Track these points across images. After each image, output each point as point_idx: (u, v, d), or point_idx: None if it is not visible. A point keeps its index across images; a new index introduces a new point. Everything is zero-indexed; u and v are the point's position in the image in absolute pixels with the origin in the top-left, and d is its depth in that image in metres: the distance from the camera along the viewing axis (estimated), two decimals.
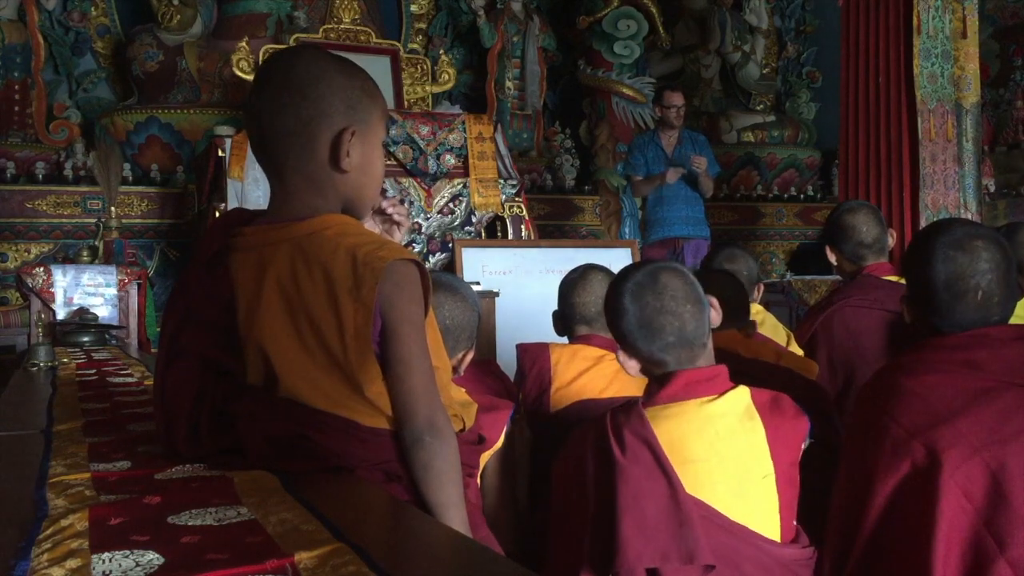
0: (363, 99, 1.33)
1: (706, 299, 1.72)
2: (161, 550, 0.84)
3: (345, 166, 1.30)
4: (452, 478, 1.26)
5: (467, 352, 1.91)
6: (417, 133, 5.43)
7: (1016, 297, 1.68)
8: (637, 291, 1.68)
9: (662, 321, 1.66)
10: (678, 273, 1.71)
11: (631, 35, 6.87)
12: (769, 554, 1.62)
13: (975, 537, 1.45)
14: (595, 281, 2.40)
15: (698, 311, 1.68)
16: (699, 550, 1.50)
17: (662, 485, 1.56)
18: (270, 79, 1.31)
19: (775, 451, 1.65)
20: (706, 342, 1.70)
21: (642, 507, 1.53)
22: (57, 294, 4.34)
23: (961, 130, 5.11)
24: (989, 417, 1.52)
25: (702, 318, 1.69)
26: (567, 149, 7.21)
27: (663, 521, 1.52)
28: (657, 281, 1.68)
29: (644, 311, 1.67)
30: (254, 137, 1.33)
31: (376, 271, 1.23)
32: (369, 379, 1.23)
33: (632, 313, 1.68)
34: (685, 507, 1.54)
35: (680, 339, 1.66)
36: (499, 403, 1.90)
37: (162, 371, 1.36)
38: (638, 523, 1.52)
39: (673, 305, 1.66)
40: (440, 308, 1.81)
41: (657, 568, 1.51)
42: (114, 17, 7.04)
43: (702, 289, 1.72)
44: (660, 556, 1.50)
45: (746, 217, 7.64)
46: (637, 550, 1.50)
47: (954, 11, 5.12)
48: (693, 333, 1.67)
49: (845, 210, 2.88)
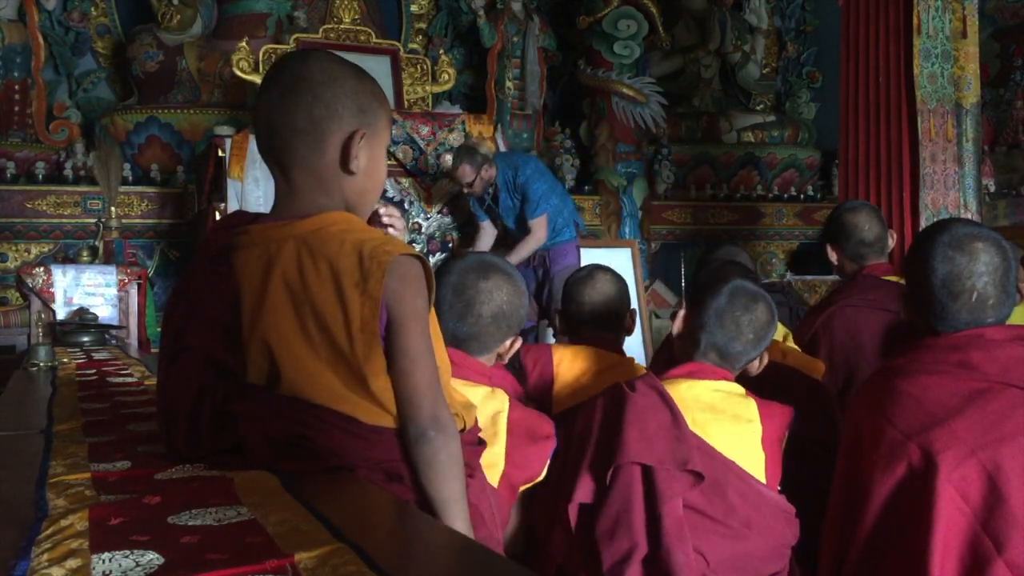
0: (373, 103, 1.35)
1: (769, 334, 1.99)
2: (161, 550, 0.84)
3: (353, 168, 1.32)
4: (456, 473, 1.27)
5: (515, 339, 1.83)
6: (417, 133, 5.43)
7: (1013, 301, 1.68)
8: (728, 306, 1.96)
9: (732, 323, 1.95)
10: (766, 307, 1.98)
11: (631, 35, 6.87)
12: (754, 488, 1.81)
13: (972, 539, 1.46)
14: (602, 281, 2.40)
15: (755, 339, 1.96)
16: (692, 458, 1.73)
17: (665, 412, 1.80)
18: (281, 79, 1.32)
19: (764, 416, 1.87)
20: (741, 361, 1.97)
21: (645, 422, 1.77)
22: (57, 294, 4.34)
23: (961, 130, 5.11)
24: (984, 418, 1.52)
25: (756, 347, 1.98)
26: (567, 149, 7.22)
27: (662, 435, 1.76)
28: (750, 306, 1.96)
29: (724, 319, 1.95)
30: (262, 135, 1.34)
31: (383, 265, 1.24)
32: (375, 372, 1.24)
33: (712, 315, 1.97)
34: (683, 430, 1.77)
35: (720, 351, 1.95)
36: (540, 429, 1.82)
37: (165, 369, 1.36)
38: (641, 432, 1.75)
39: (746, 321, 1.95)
40: (499, 291, 1.76)
41: (652, 472, 1.73)
42: (114, 17, 7.05)
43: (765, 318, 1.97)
44: (656, 459, 1.73)
45: (746, 217, 7.64)
46: (637, 450, 1.73)
47: (954, 11, 5.12)
48: (736, 351, 1.95)
49: (846, 209, 2.88)
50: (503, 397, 1.78)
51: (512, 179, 4.77)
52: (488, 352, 1.80)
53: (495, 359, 1.83)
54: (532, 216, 4.72)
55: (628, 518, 1.72)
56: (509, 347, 1.82)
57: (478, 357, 1.78)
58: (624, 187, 6.90)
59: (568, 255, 4.83)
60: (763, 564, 1.81)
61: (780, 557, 1.84)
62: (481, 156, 4.73)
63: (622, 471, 1.75)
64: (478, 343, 1.77)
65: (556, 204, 4.80)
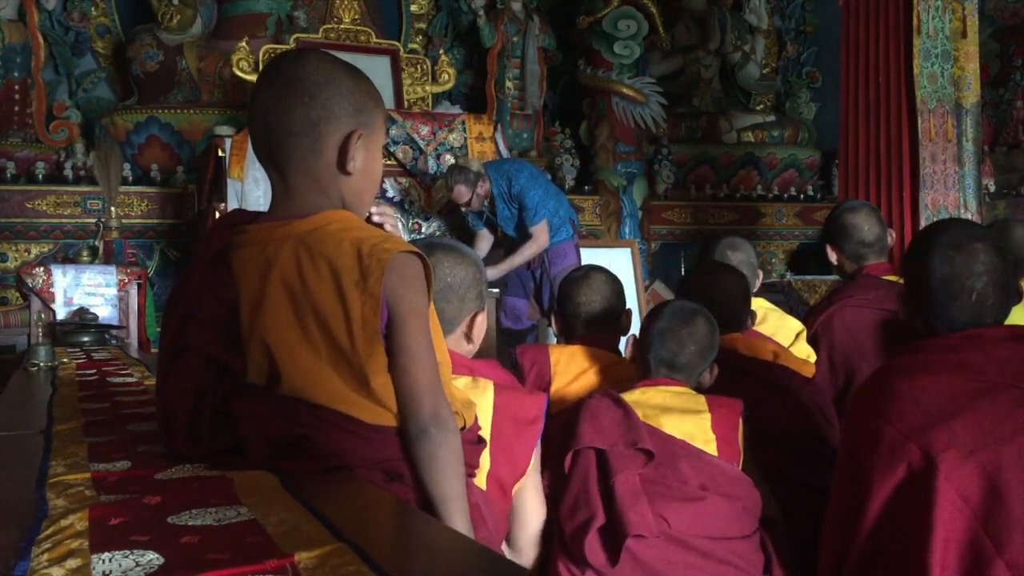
0: (369, 103, 1.35)
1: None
2: (161, 550, 0.84)
3: (350, 168, 1.32)
4: (456, 470, 1.27)
5: (478, 312, 1.73)
6: (417, 133, 5.43)
7: (1013, 302, 1.68)
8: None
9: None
10: (705, 320, 2.11)
11: (631, 35, 6.86)
12: (705, 460, 1.91)
13: (972, 539, 1.45)
14: (598, 282, 2.40)
15: (699, 350, 2.09)
16: (641, 439, 1.86)
17: (618, 411, 1.93)
18: (277, 80, 1.32)
19: (712, 406, 1.99)
20: (691, 372, 2.10)
21: (599, 417, 1.91)
22: (57, 294, 4.34)
23: (961, 130, 5.11)
24: (984, 418, 1.52)
25: (703, 358, 2.10)
26: (567, 149, 7.22)
27: (615, 425, 1.90)
28: (690, 320, 2.09)
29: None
30: (259, 135, 1.34)
31: (382, 263, 1.24)
32: (376, 369, 1.24)
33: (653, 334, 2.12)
34: (634, 421, 1.91)
35: (668, 364, 2.09)
36: (526, 412, 1.76)
37: (165, 369, 1.36)
38: (594, 425, 1.90)
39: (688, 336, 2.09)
40: (439, 266, 1.64)
41: (606, 454, 1.85)
42: (114, 17, 7.04)
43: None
44: (609, 443, 1.87)
45: (746, 217, 7.64)
46: (590, 437, 1.88)
47: (954, 11, 5.12)
48: (683, 363, 2.09)
49: (846, 209, 2.88)
50: (486, 384, 1.71)
51: (507, 190, 4.75)
52: (451, 332, 1.69)
53: (463, 340, 1.73)
54: (532, 224, 4.72)
55: (586, 495, 1.85)
56: (471, 323, 1.72)
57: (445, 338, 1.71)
58: (624, 187, 6.90)
59: (567, 255, 4.82)
60: (728, 524, 1.87)
61: (747, 518, 1.90)
62: (474, 174, 4.71)
63: (580, 457, 1.89)
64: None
65: (552, 206, 4.80)
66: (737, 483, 1.92)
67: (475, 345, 1.76)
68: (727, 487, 1.90)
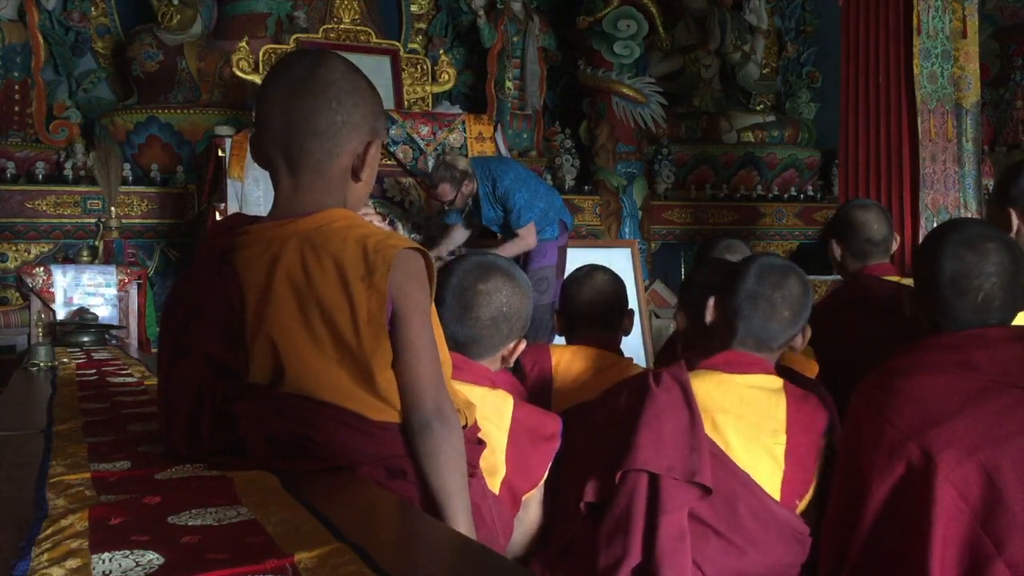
0: (381, 114, 1.40)
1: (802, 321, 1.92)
2: (161, 550, 0.84)
3: (363, 176, 1.36)
4: (458, 465, 1.28)
5: (519, 342, 1.78)
6: (417, 133, 5.43)
7: (1020, 304, 1.67)
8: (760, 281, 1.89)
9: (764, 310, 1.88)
10: (798, 280, 1.91)
11: (631, 35, 6.87)
12: (765, 504, 1.76)
13: (972, 539, 1.45)
14: (600, 281, 2.40)
15: (792, 315, 1.89)
16: (702, 471, 1.68)
17: (684, 415, 1.74)
18: (301, 78, 1.32)
19: (791, 426, 1.80)
20: (779, 341, 1.90)
21: (661, 425, 1.72)
22: (57, 294, 4.34)
23: (961, 130, 5.12)
24: (984, 418, 1.52)
25: (794, 325, 1.90)
26: (567, 149, 7.22)
27: (676, 442, 1.71)
28: (781, 283, 1.88)
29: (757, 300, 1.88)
30: (275, 127, 1.32)
31: (388, 259, 1.25)
32: (382, 364, 1.25)
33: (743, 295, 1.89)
34: (699, 437, 1.72)
35: (757, 336, 1.88)
36: (544, 429, 1.78)
37: (165, 370, 1.37)
38: (654, 437, 1.71)
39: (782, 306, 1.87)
40: (497, 293, 1.71)
41: (659, 480, 1.68)
42: (114, 17, 7.04)
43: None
44: (666, 467, 1.69)
45: (746, 217, 7.64)
46: (647, 456, 1.69)
47: (954, 11, 5.12)
48: (774, 332, 1.88)
49: (856, 206, 2.87)
50: (506, 396, 1.75)
51: (491, 190, 4.70)
52: (490, 355, 1.75)
53: (500, 363, 1.78)
54: (518, 226, 4.68)
55: (627, 525, 1.70)
56: (513, 349, 1.77)
57: (481, 360, 1.75)
58: (624, 187, 6.90)
59: (546, 255, 4.76)
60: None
61: (790, 573, 1.79)
62: (460, 172, 4.67)
63: (629, 476, 1.72)
64: (478, 346, 1.73)
65: (541, 208, 4.75)
66: (791, 538, 1.78)
67: (507, 365, 1.81)
68: (777, 541, 1.76)
